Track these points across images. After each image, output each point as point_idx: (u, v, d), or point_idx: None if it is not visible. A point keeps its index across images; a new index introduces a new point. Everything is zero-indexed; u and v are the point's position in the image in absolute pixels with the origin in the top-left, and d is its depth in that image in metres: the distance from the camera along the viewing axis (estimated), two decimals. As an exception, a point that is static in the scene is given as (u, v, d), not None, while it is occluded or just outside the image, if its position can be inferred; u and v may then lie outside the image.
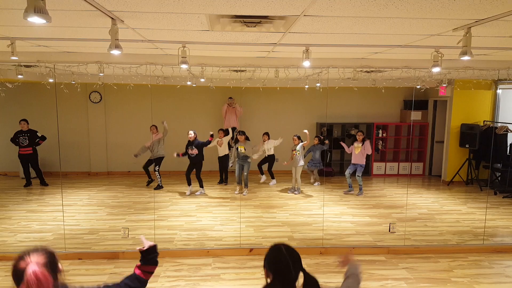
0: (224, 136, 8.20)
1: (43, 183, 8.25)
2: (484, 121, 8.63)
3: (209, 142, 7.64)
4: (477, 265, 4.67)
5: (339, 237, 5.46)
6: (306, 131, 7.79)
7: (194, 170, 7.65)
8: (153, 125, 8.10)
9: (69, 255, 4.70)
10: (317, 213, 6.50)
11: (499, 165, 8.19)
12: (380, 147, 9.80)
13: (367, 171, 9.85)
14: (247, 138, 7.73)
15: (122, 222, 6.00)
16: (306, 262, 4.63)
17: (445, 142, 9.08)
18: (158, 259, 2.03)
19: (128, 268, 4.42)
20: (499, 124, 8.26)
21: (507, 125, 8.02)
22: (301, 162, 7.80)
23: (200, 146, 7.55)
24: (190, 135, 7.55)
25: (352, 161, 7.86)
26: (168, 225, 5.89)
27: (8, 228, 5.68)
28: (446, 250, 5.03)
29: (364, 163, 7.78)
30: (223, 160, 8.49)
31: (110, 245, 5.07)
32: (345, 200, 7.41)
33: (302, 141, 7.79)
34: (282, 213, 6.58)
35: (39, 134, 8.20)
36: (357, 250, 4.97)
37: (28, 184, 8.20)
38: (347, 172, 7.91)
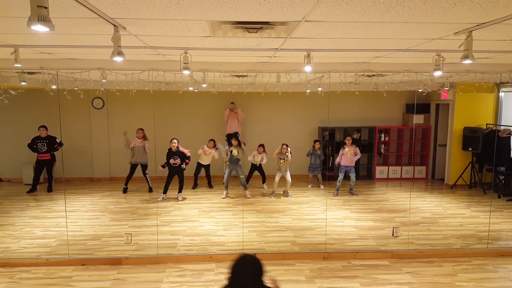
0: (213, 147, 8.24)
1: (50, 189, 8.30)
2: (486, 124, 8.60)
3: (186, 160, 7.62)
4: (482, 269, 4.64)
5: (342, 241, 5.44)
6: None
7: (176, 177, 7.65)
8: (140, 129, 8.12)
9: (72, 261, 4.70)
10: (320, 218, 6.48)
11: (502, 168, 8.16)
12: (382, 151, 9.78)
13: (370, 175, 9.86)
14: (239, 144, 7.80)
15: (125, 228, 6.00)
16: (309, 267, 4.62)
17: (448, 146, 9.06)
18: (161, 264, 2.07)
19: (131, 274, 4.42)
20: (502, 127, 8.24)
21: (510, 128, 8.00)
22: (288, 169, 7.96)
23: (182, 157, 7.53)
24: (174, 144, 7.44)
25: (344, 163, 8.01)
26: (171, 230, 5.88)
27: (11, 235, 5.69)
28: (450, 254, 5.00)
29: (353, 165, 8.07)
30: (206, 169, 8.56)
31: (113, 250, 5.07)
32: (348, 205, 7.39)
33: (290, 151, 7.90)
34: (285, 217, 6.57)
35: (58, 140, 8.25)
36: (361, 254, 4.95)
37: (33, 190, 8.22)
38: (341, 177, 8.03)
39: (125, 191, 8.32)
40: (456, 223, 6.29)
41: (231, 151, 7.72)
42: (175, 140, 7.48)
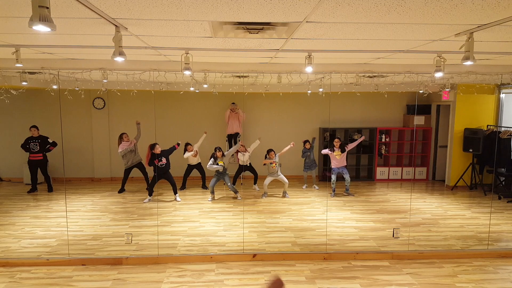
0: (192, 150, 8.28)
1: (50, 189, 8.29)
2: (487, 126, 8.60)
3: (174, 148, 7.63)
4: (482, 270, 4.64)
5: (343, 242, 5.44)
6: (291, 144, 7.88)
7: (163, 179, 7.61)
8: (124, 133, 8.07)
9: (73, 261, 4.70)
10: (321, 218, 6.48)
11: (503, 169, 8.15)
12: (383, 152, 9.78)
13: (370, 176, 9.86)
14: (223, 154, 7.72)
15: (125, 228, 6.00)
16: (310, 268, 4.62)
17: (449, 147, 9.06)
18: (162, 265, 2.04)
19: (132, 274, 4.43)
20: (503, 129, 8.23)
21: (511, 129, 8.00)
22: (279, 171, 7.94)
23: (167, 154, 7.52)
24: (157, 149, 7.36)
25: (335, 166, 8.04)
26: (171, 230, 5.89)
27: (12, 234, 5.69)
28: (451, 255, 5.00)
29: (345, 165, 8.10)
30: (198, 168, 8.56)
31: (113, 251, 5.07)
32: (348, 205, 7.39)
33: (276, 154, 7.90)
34: (285, 218, 6.57)
35: (50, 140, 8.25)
36: (361, 255, 4.95)
37: (33, 190, 8.23)
38: (334, 178, 8.06)
39: (121, 191, 8.34)
40: (457, 224, 6.29)
41: (218, 164, 7.57)
42: (157, 146, 7.38)
